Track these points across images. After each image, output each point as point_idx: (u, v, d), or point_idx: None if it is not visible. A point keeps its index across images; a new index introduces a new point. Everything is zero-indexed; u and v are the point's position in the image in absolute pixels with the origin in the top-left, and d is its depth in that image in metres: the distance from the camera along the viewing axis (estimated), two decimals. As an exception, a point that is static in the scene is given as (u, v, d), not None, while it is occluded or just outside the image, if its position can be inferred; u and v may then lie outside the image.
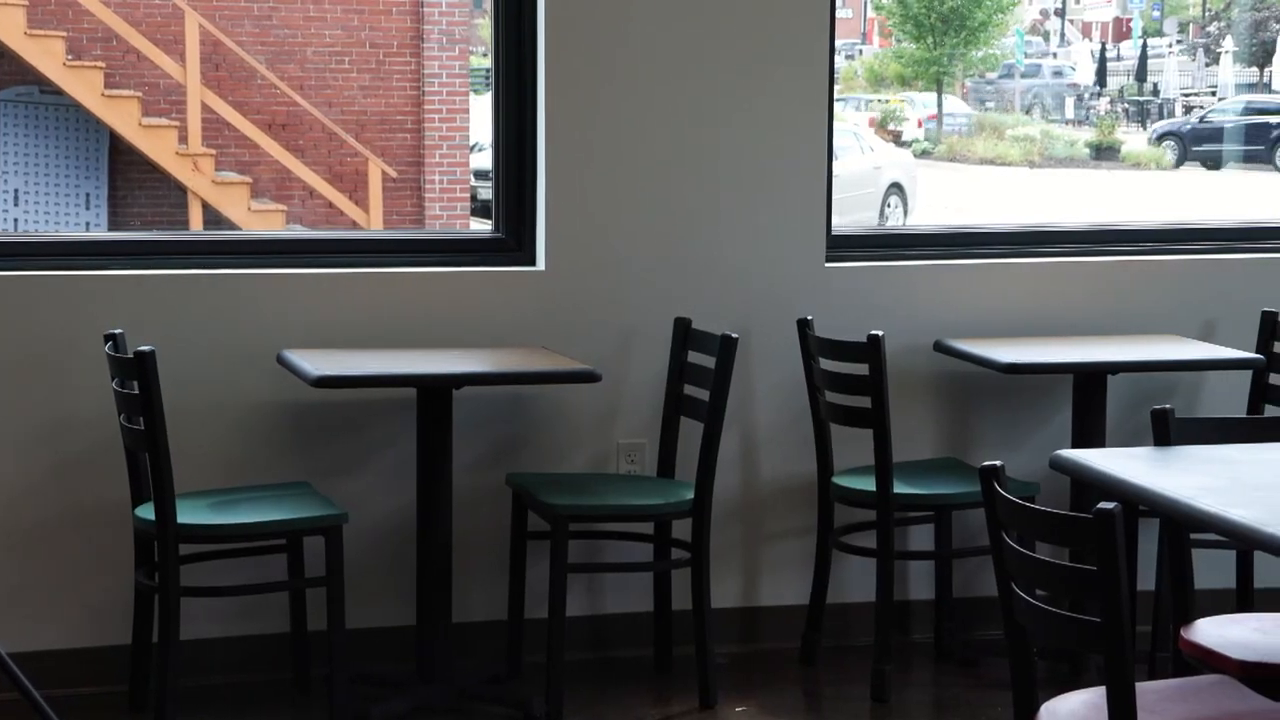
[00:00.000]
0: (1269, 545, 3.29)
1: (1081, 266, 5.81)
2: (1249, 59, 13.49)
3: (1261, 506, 3.43)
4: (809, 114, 5.57)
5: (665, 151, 5.46)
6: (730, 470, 5.46)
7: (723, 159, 5.50)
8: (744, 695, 5.21)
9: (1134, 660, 3.18)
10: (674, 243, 5.47)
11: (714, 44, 5.46)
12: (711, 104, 5.47)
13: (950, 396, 5.69)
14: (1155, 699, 3.39)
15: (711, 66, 5.46)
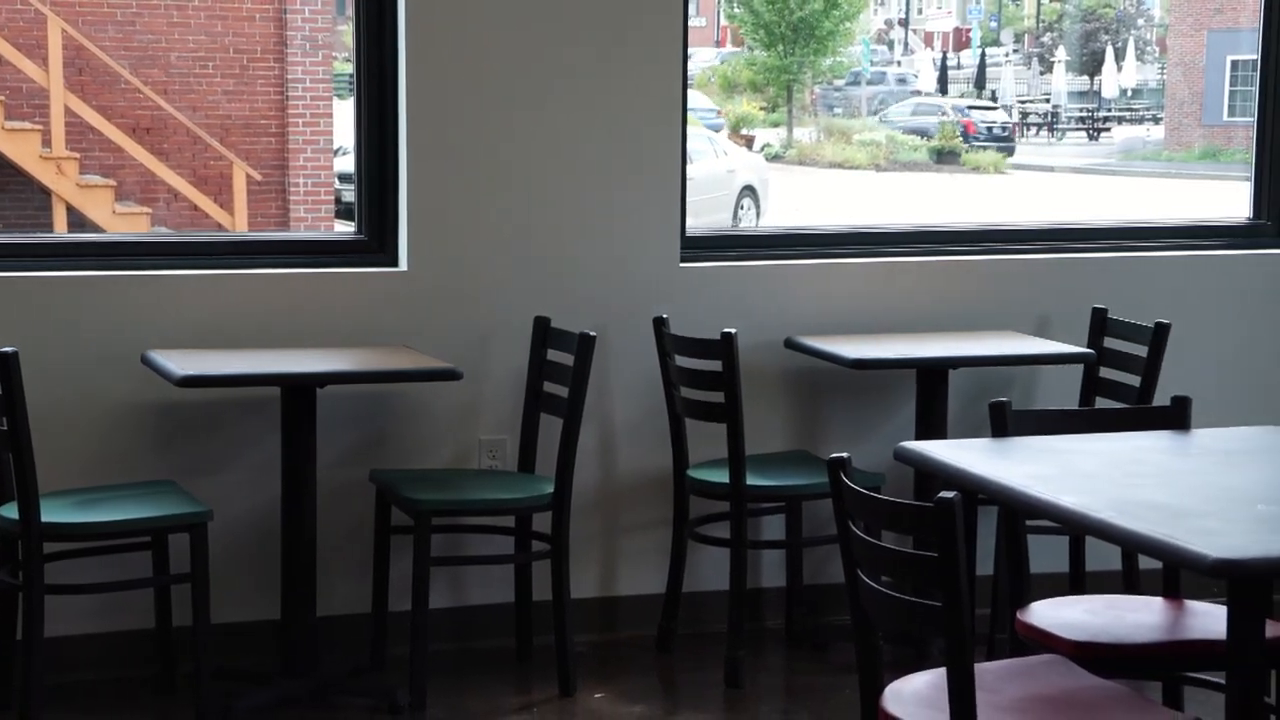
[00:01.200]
0: (1099, 531, 3.36)
1: (925, 266, 5.87)
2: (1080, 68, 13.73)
3: (1092, 494, 3.49)
4: (664, 120, 5.59)
5: (524, 155, 5.46)
6: (589, 464, 5.47)
7: (580, 162, 5.51)
8: (602, 682, 5.22)
9: (973, 642, 3.22)
10: (533, 244, 5.47)
11: (571, 51, 5.47)
12: (569, 109, 5.48)
13: (800, 391, 5.74)
14: (993, 678, 3.45)
15: (569, 73, 5.47)
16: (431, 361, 5.03)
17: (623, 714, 5.03)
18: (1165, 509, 3.38)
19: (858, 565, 3.39)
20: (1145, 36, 13.19)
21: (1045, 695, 3.41)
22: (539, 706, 5.08)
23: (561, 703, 5.07)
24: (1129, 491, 3.52)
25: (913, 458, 3.96)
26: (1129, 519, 3.30)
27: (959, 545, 3.14)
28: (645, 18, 5.54)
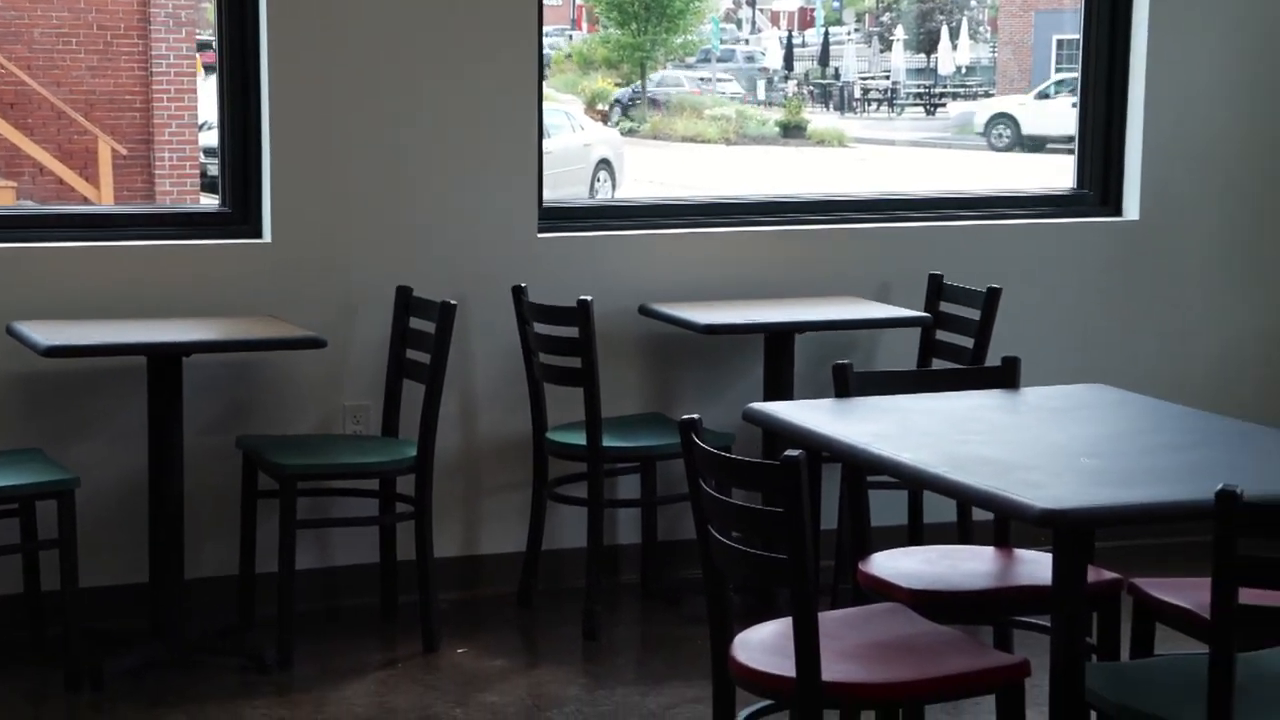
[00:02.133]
0: (934, 485, 3.42)
1: (772, 235, 5.92)
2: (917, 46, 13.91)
3: (929, 450, 3.55)
4: (520, 95, 5.59)
5: (385, 129, 5.44)
6: (451, 429, 5.47)
7: (441, 136, 5.49)
8: (465, 638, 5.23)
9: (817, 592, 3.28)
10: (395, 215, 5.46)
11: (431, 27, 5.45)
12: (430, 85, 5.46)
13: (654, 356, 5.77)
14: (836, 626, 3.50)
15: (429, 49, 5.45)
16: (295, 330, 5.00)
17: (485, 668, 5.04)
18: (996, 463, 3.45)
19: (708, 521, 3.43)
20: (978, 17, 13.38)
21: (884, 641, 3.46)
22: (403, 662, 5.08)
23: (425, 658, 5.07)
24: (962, 447, 3.58)
25: (761, 418, 4.00)
26: (962, 473, 3.37)
27: (803, 501, 3.19)
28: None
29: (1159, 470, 3.52)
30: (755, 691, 3.39)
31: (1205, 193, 6.20)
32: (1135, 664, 3.56)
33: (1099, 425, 3.93)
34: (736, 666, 3.38)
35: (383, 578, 5.38)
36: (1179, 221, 6.18)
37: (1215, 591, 3.01)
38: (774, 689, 3.32)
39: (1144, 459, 3.64)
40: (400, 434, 5.32)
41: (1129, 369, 5.81)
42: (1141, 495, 3.29)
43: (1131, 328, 6.15)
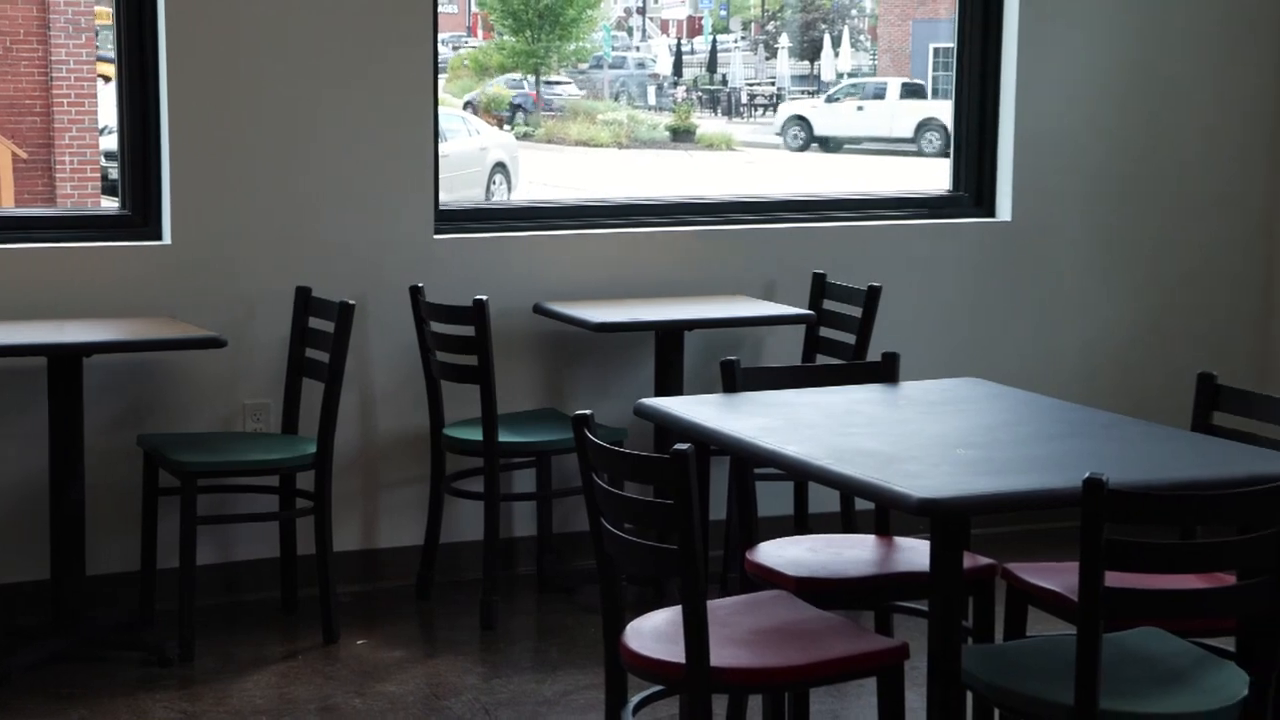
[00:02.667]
0: (818, 476, 3.44)
1: (662, 236, 5.93)
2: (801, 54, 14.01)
3: (813, 443, 3.58)
4: (416, 100, 5.58)
5: (284, 133, 5.41)
6: (350, 425, 5.45)
7: (338, 140, 5.47)
8: (365, 630, 5.21)
9: (707, 581, 3.29)
10: (294, 218, 5.43)
11: (329, 33, 5.43)
12: (327, 90, 5.44)
13: (548, 353, 5.77)
14: (725, 613, 3.52)
15: (326, 54, 5.42)
16: (195, 330, 4.97)
17: (384, 658, 5.02)
18: (876, 455, 3.48)
19: (601, 514, 3.44)
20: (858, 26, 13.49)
21: (771, 627, 3.49)
22: (304, 654, 5.05)
23: (325, 649, 5.05)
24: (844, 440, 3.61)
25: (651, 413, 4.01)
26: (844, 465, 3.39)
27: (692, 493, 3.21)
28: (397, 4, 5.51)
29: (1030, 460, 3.57)
30: (646, 678, 3.40)
31: (1073, 194, 6.29)
32: (1008, 645, 3.61)
33: (974, 417, 3.96)
34: (628, 654, 3.39)
35: (283, 572, 5.35)
36: (1048, 222, 6.27)
37: (1082, 575, 3.06)
38: (664, 675, 3.34)
39: (1016, 449, 3.68)
40: (300, 431, 5.29)
41: (1002, 363, 5.89)
42: (1014, 484, 3.32)
43: (1004, 323, 6.23)
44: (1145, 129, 6.34)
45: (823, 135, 14.14)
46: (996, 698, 3.33)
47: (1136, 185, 6.35)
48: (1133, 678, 3.27)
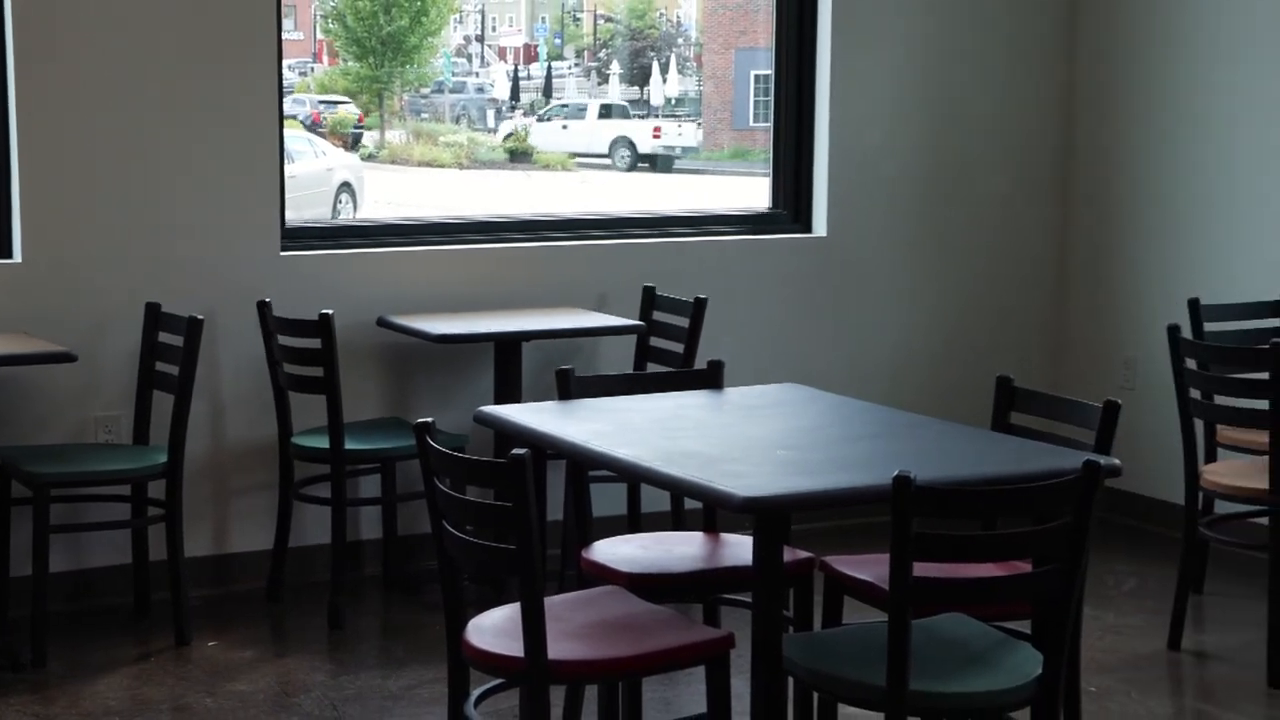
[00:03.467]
0: (648, 478, 3.46)
1: (501, 251, 5.93)
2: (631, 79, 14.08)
3: (643, 446, 3.59)
4: (262, 123, 5.52)
5: (134, 154, 5.33)
6: (200, 435, 5.38)
7: (187, 162, 5.40)
8: (216, 632, 5.14)
9: (544, 578, 3.29)
10: (143, 236, 5.34)
11: (177, 57, 5.35)
12: (175, 111, 5.36)
13: (392, 364, 5.74)
14: (561, 608, 3.52)
15: (174, 77, 5.35)
16: (47, 345, 4.88)
17: (235, 659, 4.95)
18: (702, 456, 3.50)
19: (443, 517, 3.43)
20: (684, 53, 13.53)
21: (605, 621, 3.50)
22: (156, 656, 4.97)
23: (178, 651, 4.98)
24: (673, 443, 3.63)
25: (491, 420, 4.00)
26: (673, 467, 3.41)
27: (529, 496, 3.21)
28: (243, 31, 5.45)
29: (844, 460, 3.61)
30: (488, 671, 3.40)
31: (881, 211, 6.39)
32: (826, 633, 3.65)
33: (793, 420, 4.00)
34: (470, 649, 3.38)
35: (136, 577, 5.26)
36: (860, 237, 6.35)
37: (892, 566, 3.11)
38: (504, 669, 3.34)
39: (832, 450, 3.73)
40: (151, 442, 5.21)
41: (819, 369, 5.96)
42: (829, 482, 3.37)
43: (820, 332, 6.30)
44: (944, 150, 6.46)
45: (534, 149, 14.34)
46: (815, 682, 3.37)
47: (938, 202, 6.47)
48: (939, 660, 3.33)
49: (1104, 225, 6.52)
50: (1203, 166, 6.16)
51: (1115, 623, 5.29)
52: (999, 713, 3.40)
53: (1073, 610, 3.32)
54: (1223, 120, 6.08)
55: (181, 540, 5.04)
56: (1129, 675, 4.85)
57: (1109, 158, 6.50)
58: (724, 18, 12.54)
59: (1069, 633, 3.32)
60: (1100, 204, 6.53)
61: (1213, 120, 6.12)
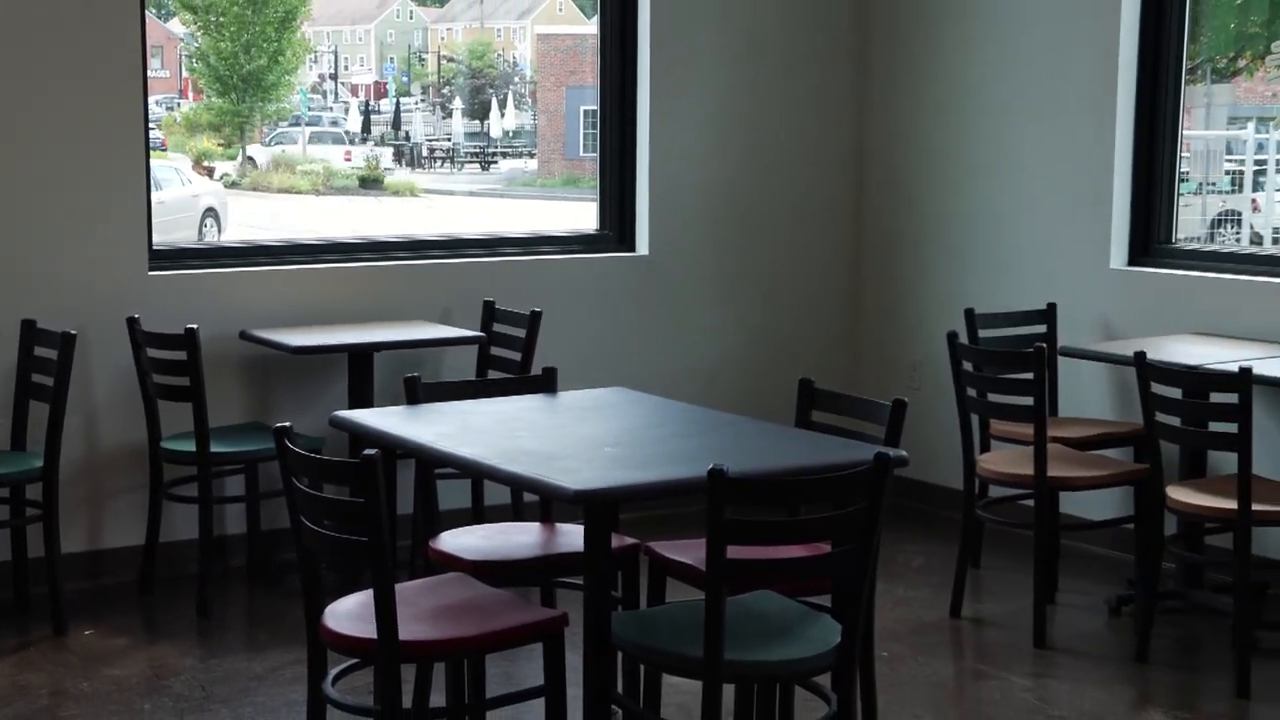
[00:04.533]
0: (489, 474, 3.45)
1: (354, 269, 5.85)
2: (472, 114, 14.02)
3: (484, 445, 3.57)
4: (129, 153, 5.41)
5: (10, 181, 5.18)
6: (75, 441, 5.25)
7: (60, 190, 5.27)
8: (92, 622, 5.01)
9: (395, 567, 3.26)
10: (19, 258, 5.20)
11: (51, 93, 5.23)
12: (48, 145, 5.23)
13: (254, 374, 5.64)
14: (411, 594, 3.48)
15: (50, 111, 5.22)
16: (-69, 360, 4.71)
17: (109, 646, 4.83)
18: (538, 454, 3.49)
19: (301, 513, 3.37)
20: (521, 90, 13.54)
21: (451, 604, 3.47)
22: (35, 645, 4.82)
23: (56, 640, 4.85)
24: (511, 442, 3.62)
25: (345, 424, 3.95)
26: (511, 464, 3.40)
27: (380, 492, 3.17)
28: (111, 68, 5.33)
29: (666, 455, 3.62)
30: (344, 653, 3.36)
31: (698, 232, 6.42)
32: (650, 611, 3.65)
33: (620, 420, 4.00)
34: (327, 633, 3.34)
35: (15, 574, 5.10)
36: (678, 256, 6.38)
37: (709, 549, 3.13)
38: (359, 650, 3.30)
39: (654, 446, 3.73)
40: (28, 448, 5.06)
41: (643, 374, 5.96)
42: (652, 475, 3.37)
43: (644, 340, 6.31)
44: (751, 179, 6.51)
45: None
46: (641, 655, 3.38)
47: (747, 225, 6.51)
48: (750, 633, 3.35)
49: (891, 246, 6.62)
50: (974, 197, 6.29)
51: (904, 595, 5.38)
52: (803, 678, 3.45)
53: (867, 585, 3.36)
54: (990, 161, 6.22)
55: (58, 538, 4.90)
56: (916, 641, 4.93)
57: (894, 190, 6.61)
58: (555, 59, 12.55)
59: (864, 605, 3.37)
60: (887, 228, 6.64)
61: (981, 162, 6.25)
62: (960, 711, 4.44)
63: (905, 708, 4.35)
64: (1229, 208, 6.58)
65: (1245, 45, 6.00)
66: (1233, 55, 6.09)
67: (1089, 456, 5.18)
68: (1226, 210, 6.59)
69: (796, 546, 3.60)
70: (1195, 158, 6.21)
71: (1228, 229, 6.45)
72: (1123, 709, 4.39)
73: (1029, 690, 4.54)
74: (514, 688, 4.10)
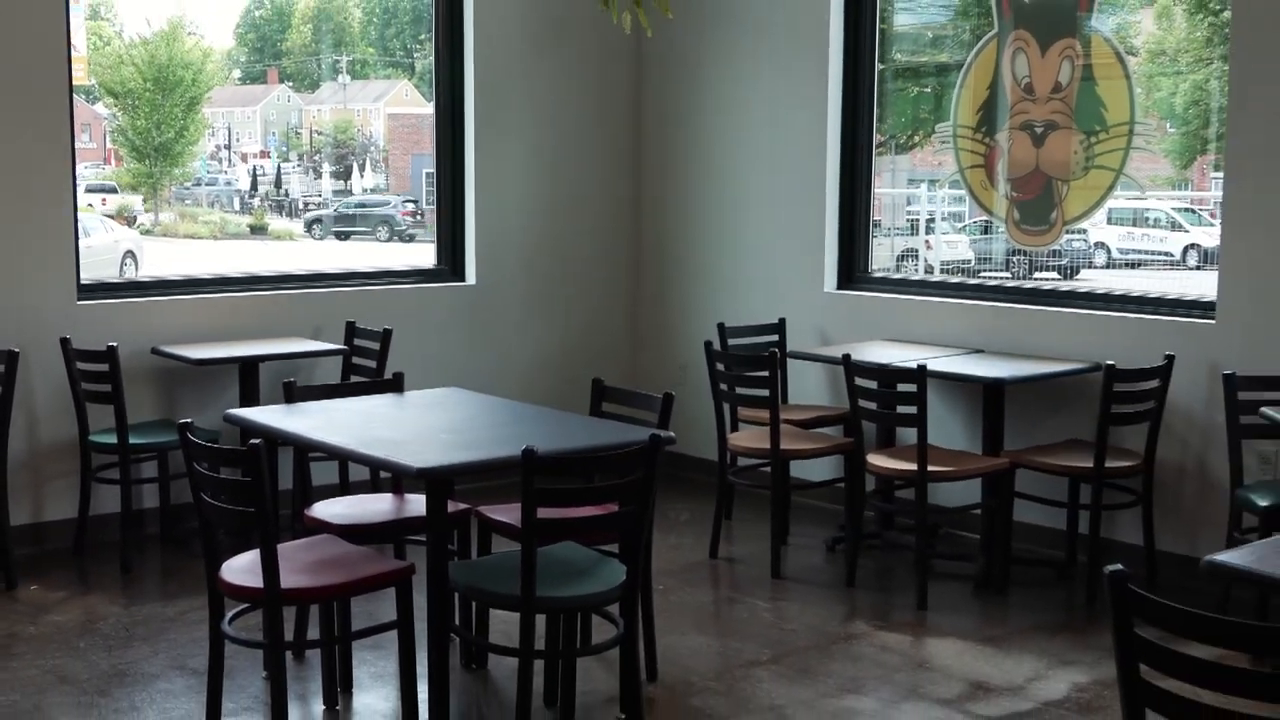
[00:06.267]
0: (352, 456, 3.38)
1: (245, 297, 5.67)
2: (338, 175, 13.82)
3: (347, 434, 3.52)
4: (61, 208, 5.17)
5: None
6: (20, 437, 5.02)
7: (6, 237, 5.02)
8: (36, 578, 4.78)
9: (278, 531, 3.18)
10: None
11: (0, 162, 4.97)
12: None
13: (163, 381, 5.43)
14: (290, 551, 3.41)
15: (-12, 176, 4.96)
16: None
17: (50, 598, 4.61)
18: (390, 440, 3.45)
19: (202, 490, 3.27)
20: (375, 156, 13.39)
21: (322, 559, 3.40)
22: (-13, 601, 4.59)
23: (7, 594, 4.62)
24: (369, 432, 3.56)
25: (236, 420, 3.84)
26: (369, 448, 3.35)
27: (264, 473, 3.09)
28: (47, 144, 5.09)
29: (490, 439, 3.60)
30: (238, 599, 3.28)
31: (515, 264, 6.38)
32: (479, 560, 3.63)
33: (454, 413, 3.97)
34: (224, 584, 3.25)
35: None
36: (499, 284, 6.33)
37: (523, 511, 3.12)
38: (249, 597, 3.22)
39: (481, 432, 3.71)
40: (-22, 443, 4.80)
41: (473, 377, 5.91)
42: (479, 455, 3.35)
43: (473, 350, 6.25)
44: (556, 223, 6.49)
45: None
46: (473, 595, 3.35)
47: (551, 258, 6.50)
48: (557, 575, 3.35)
49: (662, 274, 6.68)
50: (724, 236, 6.37)
51: (674, 542, 5.42)
52: (598, 607, 3.46)
53: (645, 536, 3.39)
54: (734, 208, 6.31)
55: (7, 513, 4.68)
56: (683, 576, 4.97)
57: (664, 228, 6.66)
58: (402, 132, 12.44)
59: (643, 551, 3.39)
60: (659, 260, 6.69)
61: (729, 208, 6.34)
62: (718, 628, 4.49)
63: (676, 628, 4.38)
64: (909, 246, 6.77)
65: (918, 127, 6.19)
66: (909, 134, 6.28)
67: (810, 433, 5.30)
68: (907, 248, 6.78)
69: (591, 507, 3.61)
70: (884, 209, 6.38)
71: (909, 262, 6.64)
72: (836, 621, 4.49)
73: (768, 610, 4.62)
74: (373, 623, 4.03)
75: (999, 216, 5.61)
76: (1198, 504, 4.79)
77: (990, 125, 5.53)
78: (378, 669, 3.96)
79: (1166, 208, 6.75)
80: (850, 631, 4.35)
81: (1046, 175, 5.37)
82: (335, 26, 14.45)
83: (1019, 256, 5.82)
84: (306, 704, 3.73)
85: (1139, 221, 6.79)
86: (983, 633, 4.34)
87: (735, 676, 3.95)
